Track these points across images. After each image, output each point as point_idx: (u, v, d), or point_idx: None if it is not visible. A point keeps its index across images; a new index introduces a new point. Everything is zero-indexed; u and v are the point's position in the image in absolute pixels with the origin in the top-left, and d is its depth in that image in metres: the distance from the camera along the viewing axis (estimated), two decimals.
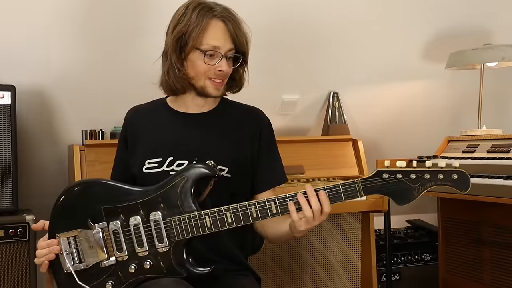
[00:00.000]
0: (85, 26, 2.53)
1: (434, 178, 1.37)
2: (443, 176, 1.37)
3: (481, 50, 2.85)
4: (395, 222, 3.13)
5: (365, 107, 3.19)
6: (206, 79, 1.63)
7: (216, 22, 1.60)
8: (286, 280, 2.57)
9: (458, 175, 1.37)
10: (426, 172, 1.37)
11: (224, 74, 1.64)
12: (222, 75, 1.63)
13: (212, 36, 1.59)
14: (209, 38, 1.59)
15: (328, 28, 2.90)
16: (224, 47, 1.61)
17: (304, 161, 2.63)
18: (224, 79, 1.66)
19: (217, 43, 1.60)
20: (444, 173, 1.37)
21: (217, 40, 1.60)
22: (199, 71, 1.62)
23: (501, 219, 2.54)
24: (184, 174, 1.49)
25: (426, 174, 1.37)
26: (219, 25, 1.60)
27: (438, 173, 1.37)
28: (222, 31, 1.60)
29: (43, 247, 1.51)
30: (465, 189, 1.38)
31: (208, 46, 1.60)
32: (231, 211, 1.45)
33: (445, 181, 1.37)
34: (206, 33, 1.59)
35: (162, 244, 1.47)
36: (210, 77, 1.63)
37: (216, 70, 1.61)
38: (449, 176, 1.37)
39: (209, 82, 1.63)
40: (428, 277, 3.01)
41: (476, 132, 2.83)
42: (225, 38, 1.60)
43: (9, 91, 2.27)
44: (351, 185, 1.42)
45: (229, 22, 1.61)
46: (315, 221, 1.44)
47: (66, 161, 2.66)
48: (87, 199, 1.52)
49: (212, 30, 1.60)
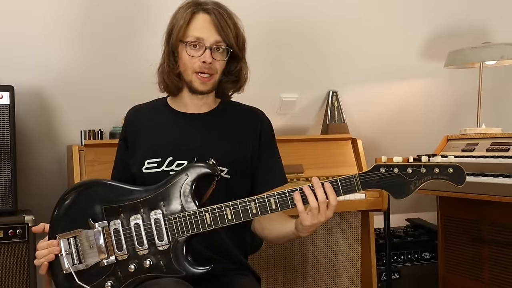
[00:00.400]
0: (84, 27, 2.53)
1: (430, 172, 1.40)
2: (439, 170, 1.40)
3: (480, 49, 2.85)
4: (395, 221, 3.13)
5: (364, 106, 3.19)
6: (193, 74, 1.63)
7: (201, 15, 1.61)
8: (286, 279, 2.57)
9: (453, 169, 1.40)
10: (422, 166, 1.40)
11: (210, 67, 1.61)
12: (207, 67, 1.61)
13: (195, 27, 1.60)
14: (193, 29, 1.60)
15: (327, 27, 2.89)
16: (209, 38, 1.60)
17: (303, 160, 2.63)
18: (212, 73, 1.63)
19: (200, 34, 1.60)
20: (440, 167, 1.40)
21: (200, 31, 1.60)
22: (185, 64, 1.63)
23: (500, 217, 2.54)
24: (185, 173, 1.50)
25: (422, 168, 1.40)
26: (204, 17, 1.61)
27: (434, 167, 1.40)
28: (205, 23, 1.60)
29: (43, 247, 1.50)
30: (461, 182, 1.40)
31: (192, 37, 1.60)
32: (231, 208, 1.46)
33: (441, 175, 1.40)
34: (190, 25, 1.60)
35: (162, 242, 1.47)
36: (196, 71, 1.62)
37: (200, 61, 1.60)
38: (444, 170, 1.40)
39: (195, 76, 1.63)
40: (427, 276, 3.01)
41: (476, 130, 2.83)
42: (209, 30, 1.60)
43: (8, 92, 2.27)
44: (349, 179, 1.44)
45: (215, 14, 1.60)
46: (320, 216, 1.43)
47: (65, 162, 2.66)
48: (88, 199, 1.52)
49: (196, 22, 1.60)
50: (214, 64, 1.62)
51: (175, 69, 1.65)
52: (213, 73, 1.63)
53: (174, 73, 1.65)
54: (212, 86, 1.67)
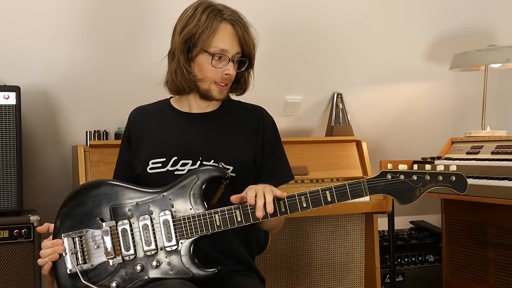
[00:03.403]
0: (90, 27, 2.54)
1: (434, 179, 1.49)
2: (442, 178, 1.49)
3: (485, 51, 2.84)
4: (399, 223, 3.13)
5: (369, 108, 3.18)
6: (212, 83, 1.64)
7: (225, 26, 1.61)
8: (290, 281, 2.57)
9: (456, 177, 1.49)
10: (427, 173, 1.49)
11: (230, 78, 1.65)
12: (228, 79, 1.64)
13: (221, 39, 1.61)
14: (218, 41, 1.60)
15: (331, 29, 2.90)
16: (232, 50, 1.62)
17: (308, 162, 2.63)
18: (229, 82, 1.67)
19: (225, 46, 1.61)
20: (443, 175, 1.49)
21: (226, 43, 1.61)
22: (206, 74, 1.63)
23: (505, 220, 2.53)
24: (195, 175, 1.50)
25: (426, 176, 1.49)
26: (228, 28, 1.62)
27: (438, 175, 1.49)
28: (231, 35, 1.62)
29: (48, 247, 1.50)
30: (463, 190, 1.50)
31: (217, 49, 1.61)
32: (241, 209, 1.47)
33: (444, 182, 1.49)
34: (215, 36, 1.60)
35: (170, 243, 1.47)
36: (216, 81, 1.64)
37: (223, 73, 1.62)
38: (448, 177, 1.49)
39: (214, 85, 1.65)
40: (432, 278, 3.01)
41: (480, 133, 2.83)
42: (233, 42, 1.62)
43: (14, 92, 2.27)
44: (357, 184, 1.48)
45: (238, 26, 1.62)
46: None
47: (70, 162, 2.66)
48: (95, 199, 1.52)
49: (221, 33, 1.61)
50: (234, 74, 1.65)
51: (193, 75, 1.64)
52: (229, 82, 1.67)
53: (191, 79, 1.64)
54: (227, 94, 1.71)
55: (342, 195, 1.47)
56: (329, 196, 1.47)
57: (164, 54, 1.71)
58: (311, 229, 2.59)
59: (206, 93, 1.66)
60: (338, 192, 1.47)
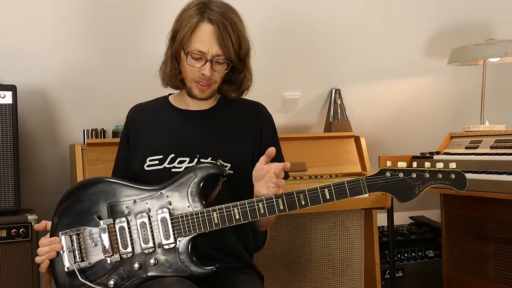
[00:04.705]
0: (86, 26, 2.53)
1: (434, 177, 1.48)
2: (441, 176, 1.48)
3: (484, 46, 2.84)
4: (398, 219, 3.12)
5: (368, 104, 3.18)
6: (193, 82, 1.64)
7: (206, 25, 1.57)
8: (289, 278, 2.56)
9: (455, 175, 1.48)
10: (426, 171, 1.48)
11: (208, 78, 1.61)
12: (205, 79, 1.61)
13: (198, 39, 1.58)
14: (196, 41, 1.58)
15: (329, 25, 2.89)
16: (210, 52, 1.58)
17: (306, 158, 2.62)
18: (211, 83, 1.64)
19: (202, 47, 1.58)
20: (443, 173, 1.48)
21: (203, 44, 1.58)
22: (186, 72, 1.64)
23: (504, 215, 2.53)
24: (193, 172, 1.50)
25: (426, 173, 1.48)
26: (207, 27, 1.57)
27: (437, 173, 1.48)
28: (208, 35, 1.57)
29: (45, 244, 1.50)
30: (462, 188, 1.49)
31: (194, 49, 1.59)
32: (239, 207, 1.46)
33: (444, 180, 1.48)
34: (194, 36, 1.58)
35: (168, 241, 1.47)
36: (195, 80, 1.63)
37: (200, 73, 1.61)
38: (447, 175, 1.48)
39: (195, 84, 1.64)
40: (431, 274, 3.01)
41: (479, 128, 2.82)
42: (211, 42, 1.57)
43: (10, 91, 2.27)
44: (356, 182, 1.47)
45: (218, 25, 1.57)
46: None
47: (68, 161, 2.66)
48: (93, 196, 1.51)
49: (199, 33, 1.58)
50: (213, 75, 1.62)
51: (178, 73, 1.66)
52: (211, 83, 1.64)
53: (177, 78, 1.66)
54: (210, 94, 1.68)
55: (341, 193, 1.47)
56: (327, 194, 1.47)
57: (161, 53, 1.71)
58: (310, 225, 2.59)
59: (189, 91, 1.67)
60: (337, 190, 1.47)
